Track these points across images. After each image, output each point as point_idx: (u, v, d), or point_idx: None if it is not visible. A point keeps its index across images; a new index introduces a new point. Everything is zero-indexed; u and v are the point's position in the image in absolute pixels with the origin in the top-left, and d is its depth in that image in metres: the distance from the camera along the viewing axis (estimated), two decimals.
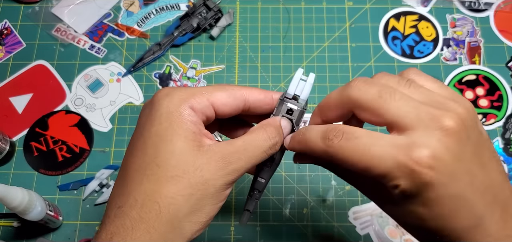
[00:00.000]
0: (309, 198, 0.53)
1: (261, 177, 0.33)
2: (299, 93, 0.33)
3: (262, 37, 0.62)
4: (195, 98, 0.29)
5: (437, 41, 0.62)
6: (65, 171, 0.54)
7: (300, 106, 0.33)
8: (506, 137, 0.56)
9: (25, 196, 0.43)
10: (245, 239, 0.51)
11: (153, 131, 0.28)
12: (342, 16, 0.64)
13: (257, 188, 0.33)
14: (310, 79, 0.33)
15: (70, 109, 0.58)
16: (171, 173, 0.26)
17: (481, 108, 0.58)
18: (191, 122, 0.28)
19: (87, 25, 0.63)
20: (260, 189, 0.33)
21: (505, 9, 0.64)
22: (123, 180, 0.28)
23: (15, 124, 0.57)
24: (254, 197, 0.33)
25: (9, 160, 0.55)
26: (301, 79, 0.33)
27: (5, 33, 0.63)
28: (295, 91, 0.33)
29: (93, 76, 0.60)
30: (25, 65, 0.60)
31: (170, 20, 0.64)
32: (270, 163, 0.33)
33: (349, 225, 0.52)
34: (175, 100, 0.28)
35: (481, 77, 0.60)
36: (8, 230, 0.51)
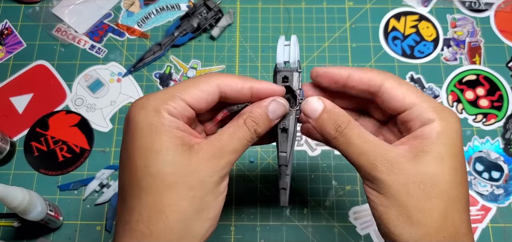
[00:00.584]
0: (309, 198, 0.53)
1: (281, 151, 0.33)
2: (287, 59, 0.33)
3: (262, 37, 0.62)
4: (169, 104, 0.28)
5: (438, 41, 0.62)
6: (66, 171, 0.54)
7: (293, 70, 0.33)
8: (507, 137, 0.56)
9: (25, 196, 0.43)
10: (245, 239, 0.52)
11: (138, 146, 0.28)
12: (343, 16, 0.64)
13: (282, 164, 0.33)
14: (292, 40, 0.33)
15: (71, 110, 0.58)
16: (169, 181, 0.27)
17: (482, 109, 0.58)
18: (175, 128, 0.28)
19: (87, 25, 0.63)
20: (285, 164, 0.33)
21: (505, 9, 0.64)
22: (122, 198, 0.28)
23: (16, 124, 0.57)
24: (284, 173, 0.33)
25: (10, 160, 0.55)
26: (285, 46, 0.33)
27: (5, 33, 0.63)
28: (284, 58, 0.33)
29: (93, 76, 0.60)
30: (25, 65, 0.60)
31: (170, 20, 0.64)
32: (285, 134, 0.33)
33: (350, 225, 0.52)
34: (151, 112, 0.28)
35: (482, 78, 0.60)
36: (9, 230, 0.51)
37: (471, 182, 0.54)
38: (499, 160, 0.55)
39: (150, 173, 0.27)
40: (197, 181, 0.27)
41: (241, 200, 0.53)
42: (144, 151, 0.27)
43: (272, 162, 0.55)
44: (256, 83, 0.31)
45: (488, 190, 0.54)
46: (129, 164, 0.28)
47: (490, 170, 0.55)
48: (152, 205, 0.26)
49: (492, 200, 0.53)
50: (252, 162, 0.55)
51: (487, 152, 0.56)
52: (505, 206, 0.53)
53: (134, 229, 0.26)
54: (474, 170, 0.55)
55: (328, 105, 0.31)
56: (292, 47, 0.33)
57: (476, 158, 0.55)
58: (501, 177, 0.54)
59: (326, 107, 0.31)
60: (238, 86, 0.31)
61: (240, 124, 0.30)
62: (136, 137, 0.28)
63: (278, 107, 0.32)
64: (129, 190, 0.28)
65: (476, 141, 0.56)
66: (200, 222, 0.28)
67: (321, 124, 0.31)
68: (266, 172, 0.55)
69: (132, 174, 0.27)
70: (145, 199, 0.27)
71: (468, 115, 0.58)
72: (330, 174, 0.54)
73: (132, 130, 0.28)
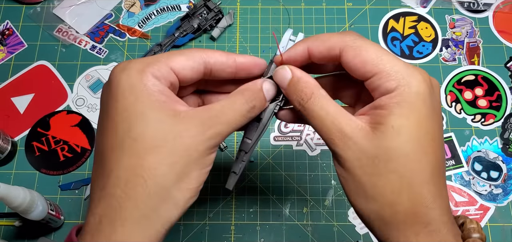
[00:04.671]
0: (309, 197, 0.54)
1: (247, 137, 0.32)
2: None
3: (262, 38, 0.63)
4: (153, 67, 0.27)
5: (436, 41, 0.62)
6: (67, 170, 0.55)
7: None
8: (505, 136, 0.57)
9: (26, 196, 0.44)
10: (245, 238, 0.52)
11: (119, 107, 0.26)
12: (342, 17, 0.64)
13: (243, 149, 0.32)
14: (298, 39, 0.32)
15: (72, 110, 0.58)
16: (150, 144, 0.26)
17: (480, 109, 0.58)
18: (158, 91, 0.27)
19: (88, 26, 0.63)
20: (246, 150, 0.32)
21: (504, 10, 0.64)
22: (100, 162, 0.27)
23: (17, 124, 0.57)
24: (240, 158, 0.32)
25: (11, 160, 0.55)
26: (290, 40, 0.33)
27: (7, 33, 0.63)
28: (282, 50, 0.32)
29: (94, 76, 0.60)
30: (26, 66, 0.61)
31: (171, 21, 0.64)
32: (257, 123, 0.32)
33: (349, 224, 0.52)
34: (134, 73, 0.27)
35: (480, 78, 0.60)
36: (10, 229, 0.52)
37: (470, 181, 0.55)
38: (497, 159, 0.56)
39: (132, 136, 0.26)
40: (181, 147, 0.26)
41: (241, 200, 0.54)
42: (126, 113, 0.26)
43: (272, 162, 0.56)
44: (240, 57, 0.31)
45: (486, 190, 0.54)
46: (109, 126, 0.27)
47: (489, 170, 0.55)
48: (131, 167, 0.25)
49: (491, 199, 0.54)
50: (252, 161, 0.55)
51: (486, 152, 0.56)
52: (503, 206, 0.53)
53: (110, 194, 0.25)
54: (472, 169, 0.55)
55: (295, 75, 0.30)
56: None
57: (475, 158, 0.56)
58: (500, 177, 0.55)
59: (293, 78, 0.30)
60: (223, 59, 0.30)
61: (237, 96, 0.29)
62: (117, 99, 0.26)
63: (271, 87, 0.31)
64: (108, 153, 0.26)
65: (475, 140, 0.57)
66: (180, 191, 0.26)
67: (288, 95, 0.31)
68: (266, 171, 0.55)
69: (112, 137, 0.26)
70: (124, 161, 0.25)
71: (467, 116, 0.58)
72: (329, 173, 0.55)
73: (114, 92, 0.27)
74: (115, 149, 0.26)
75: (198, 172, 0.27)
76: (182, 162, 0.26)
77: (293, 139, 0.57)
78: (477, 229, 0.27)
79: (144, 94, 0.26)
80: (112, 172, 0.26)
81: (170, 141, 0.26)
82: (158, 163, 0.25)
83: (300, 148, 0.56)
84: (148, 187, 0.25)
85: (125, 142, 0.26)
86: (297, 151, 0.56)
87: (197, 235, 0.52)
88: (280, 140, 0.57)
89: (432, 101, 0.27)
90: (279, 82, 0.31)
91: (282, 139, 0.57)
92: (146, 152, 0.25)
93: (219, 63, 0.30)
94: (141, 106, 0.26)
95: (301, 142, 0.57)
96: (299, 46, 0.31)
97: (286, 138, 0.57)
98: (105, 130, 0.27)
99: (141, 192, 0.25)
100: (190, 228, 0.52)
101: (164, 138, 0.26)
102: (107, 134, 0.27)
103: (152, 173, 0.25)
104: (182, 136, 0.26)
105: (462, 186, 0.54)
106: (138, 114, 0.26)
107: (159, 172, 0.25)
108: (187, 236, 0.52)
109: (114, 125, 0.26)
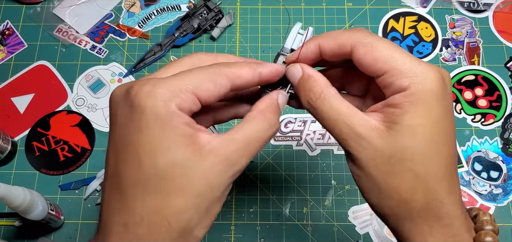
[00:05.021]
0: (309, 197, 0.54)
1: None
2: (296, 48, 0.32)
3: (262, 38, 0.63)
4: (180, 96, 0.25)
5: (436, 41, 0.62)
6: (67, 170, 0.55)
7: None
8: (505, 136, 0.57)
9: (26, 196, 0.44)
10: (245, 238, 0.52)
11: (143, 139, 0.25)
12: (342, 17, 0.64)
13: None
14: (307, 32, 0.31)
15: (72, 110, 0.58)
16: (177, 185, 0.24)
17: (480, 109, 0.58)
18: (185, 124, 0.25)
19: (88, 25, 0.63)
20: None
21: (504, 10, 0.64)
22: (120, 194, 0.25)
23: (17, 124, 0.57)
24: None
25: (11, 160, 0.55)
26: (299, 33, 0.32)
27: (7, 33, 0.63)
28: (292, 45, 0.32)
29: (94, 76, 0.60)
30: (27, 66, 0.61)
31: (171, 21, 0.64)
32: None
33: (349, 224, 0.52)
34: (160, 102, 0.25)
35: (480, 78, 0.60)
36: (10, 229, 0.52)
37: (470, 181, 0.55)
38: (497, 159, 0.56)
39: (158, 173, 0.24)
40: (207, 188, 0.25)
41: (241, 200, 0.54)
42: (151, 146, 0.24)
43: (272, 162, 0.56)
44: (263, 68, 0.29)
45: (486, 190, 0.54)
46: (131, 158, 0.25)
47: (489, 170, 0.55)
48: (156, 209, 0.24)
49: (491, 199, 0.54)
50: (252, 161, 0.55)
51: (486, 152, 0.56)
52: (503, 206, 0.53)
53: (133, 232, 0.24)
54: (472, 169, 0.55)
55: (306, 73, 0.30)
56: (303, 39, 0.32)
57: (475, 158, 0.56)
58: (500, 177, 0.55)
59: (303, 77, 0.30)
60: (249, 77, 0.28)
61: (259, 121, 0.28)
62: (141, 129, 0.25)
63: (284, 100, 0.31)
64: (131, 188, 0.25)
65: (475, 140, 0.57)
66: (200, 228, 0.26)
67: (298, 92, 0.30)
68: (266, 172, 0.55)
69: (135, 170, 0.25)
70: (150, 202, 0.24)
71: (467, 116, 0.58)
72: (329, 173, 0.55)
73: (136, 117, 0.25)
74: (139, 186, 0.25)
75: (218, 206, 0.27)
76: (206, 203, 0.25)
77: (293, 139, 0.57)
78: (490, 221, 0.28)
79: (170, 128, 0.25)
80: (136, 210, 0.25)
81: (196, 181, 0.25)
82: (184, 207, 0.25)
83: (300, 148, 0.56)
84: (172, 229, 0.25)
85: (150, 179, 0.24)
86: (297, 151, 0.56)
87: None
88: (280, 140, 0.57)
89: (445, 99, 0.27)
90: (290, 79, 0.31)
91: (282, 139, 0.57)
92: (173, 193, 0.24)
93: (245, 81, 0.28)
94: (167, 141, 0.24)
95: (301, 142, 0.57)
96: (310, 44, 0.31)
97: (286, 138, 0.57)
98: (126, 159, 0.25)
99: (164, 233, 0.25)
100: None
101: (190, 179, 0.25)
102: (129, 166, 0.25)
103: (177, 217, 0.25)
104: (207, 175, 0.25)
105: (462, 186, 0.54)
106: (164, 150, 0.24)
107: (185, 215, 0.25)
108: None
109: (137, 157, 0.25)
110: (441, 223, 0.27)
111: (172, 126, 0.25)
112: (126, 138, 0.25)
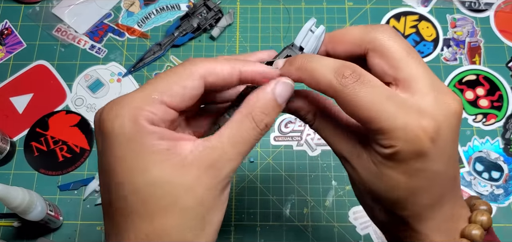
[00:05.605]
0: (309, 198, 0.53)
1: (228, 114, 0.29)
2: (305, 46, 0.29)
3: (262, 38, 0.63)
4: (147, 110, 0.24)
5: (437, 41, 0.62)
6: (66, 171, 0.55)
7: None
8: (506, 137, 0.56)
9: (25, 196, 0.43)
10: (245, 239, 0.52)
11: (118, 165, 0.23)
12: (343, 17, 0.64)
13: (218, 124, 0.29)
14: (318, 31, 0.29)
15: (71, 110, 0.58)
16: (161, 205, 0.23)
17: (481, 109, 0.58)
18: (159, 138, 0.23)
19: (87, 25, 0.63)
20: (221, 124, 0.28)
21: (505, 9, 0.64)
22: (111, 221, 0.25)
23: (16, 124, 0.57)
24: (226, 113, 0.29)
25: (10, 160, 0.55)
26: (310, 30, 0.29)
27: (5, 33, 0.63)
28: (302, 43, 0.29)
29: (93, 76, 0.60)
30: (25, 66, 0.61)
31: (170, 20, 0.64)
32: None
33: (349, 225, 0.52)
34: (128, 122, 0.23)
35: (481, 78, 0.60)
36: (9, 230, 0.51)
37: (471, 182, 0.54)
38: (499, 160, 0.55)
39: (139, 198, 0.23)
40: (195, 201, 0.24)
41: (241, 200, 0.53)
42: (128, 171, 0.23)
43: (272, 162, 0.55)
44: (245, 66, 0.26)
45: (488, 190, 0.54)
46: (113, 185, 0.24)
47: (490, 170, 0.55)
48: (148, 232, 0.23)
49: (492, 200, 0.53)
50: (252, 162, 0.55)
51: (487, 152, 0.56)
52: (505, 206, 0.53)
53: None
54: (474, 170, 0.55)
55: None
56: (312, 38, 0.29)
57: (476, 158, 0.55)
58: (501, 177, 0.54)
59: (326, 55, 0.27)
60: (225, 73, 0.26)
61: (245, 121, 0.25)
62: (115, 155, 0.23)
63: (285, 88, 0.26)
64: (119, 215, 0.24)
65: (476, 141, 0.56)
66: (204, 235, 0.24)
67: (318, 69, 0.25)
68: (266, 172, 0.55)
69: (118, 198, 0.24)
70: (139, 226, 0.23)
71: (468, 115, 0.58)
72: (330, 174, 0.54)
73: (110, 145, 0.23)
74: (124, 212, 0.24)
75: (217, 213, 0.25)
76: (198, 216, 0.24)
77: (293, 139, 0.57)
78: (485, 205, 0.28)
79: (143, 148, 0.23)
80: (128, 235, 0.24)
81: (182, 196, 0.23)
82: (172, 226, 0.23)
83: (300, 148, 0.56)
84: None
85: (133, 205, 0.23)
86: (298, 151, 0.56)
87: None
88: (280, 140, 0.57)
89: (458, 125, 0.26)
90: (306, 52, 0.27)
91: (282, 139, 0.57)
92: (158, 215, 0.23)
93: (221, 79, 0.26)
94: (142, 162, 0.23)
95: (301, 142, 0.56)
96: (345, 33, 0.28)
97: (286, 138, 0.57)
98: (109, 188, 0.24)
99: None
100: None
101: (174, 195, 0.23)
102: (112, 193, 0.24)
103: (170, 232, 0.23)
104: (193, 189, 0.23)
105: (463, 187, 0.54)
106: (141, 173, 0.23)
107: (177, 231, 0.23)
108: None
109: (117, 184, 0.24)
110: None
111: (144, 145, 0.23)
112: (105, 166, 0.24)
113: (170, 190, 0.23)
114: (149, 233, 0.23)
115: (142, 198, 0.23)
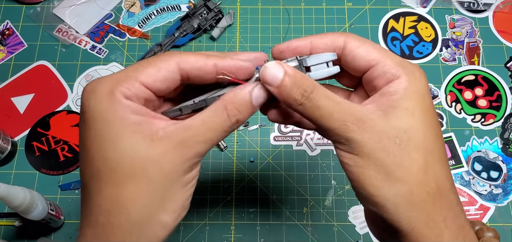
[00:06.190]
0: (309, 197, 0.54)
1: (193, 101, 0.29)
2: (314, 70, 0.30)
3: (262, 38, 0.63)
4: (123, 86, 0.26)
5: (436, 41, 0.62)
6: (67, 170, 0.55)
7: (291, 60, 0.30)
8: (505, 136, 0.57)
9: (26, 196, 0.44)
10: (245, 238, 0.52)
11: (92, 135, 0.25)
12: (342, 17, 0.64)
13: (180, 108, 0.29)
14: (332, 70, 0.30)
15: (72, 110, 0.58)
16: (128, 173, 0.25)
17: (480, 109, 0.58)
18: (132, 112, 0.25)
19: (88, 25, 0.63)
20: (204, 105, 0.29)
21: (504, 10, 0.64)
22: (83, 190, 0.27)
23: (17, 124, 0.57)
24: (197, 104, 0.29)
25: (11, 160, 0.55)
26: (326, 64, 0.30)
27: (7, 33, 0.63)
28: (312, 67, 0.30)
29: (94, 76, 0.60)
30: (26, 66, 0.61)
31: (171, 21, 0.64)
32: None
33: (349, 224, 0.52)
34: (103, 96, 0.25)
35: (480, 78, 0.60)
36: (10, 229, 0.52)
37: (470, 181, 0.55)
38: (497, 159, 0.56)
39: (108, 165, 0.25)
40: (160, 174, 0.25)
41: (241, 200, 0.54)
42: (99, 140, 0.25)
43: (272, 161, 0.56)
44: (221, 61, 0.28)
45: (486, 190, 0.54)
46: (86, 154, 0.26)
47: (489, 170, 0.55)
48: (112, 198, 0.25)
49: (491, 199, 0.54)
50: (252, 161, 0.55)
51: (486, 152, 0.56)
52: (503, 206, 0.53)
53: (96, 222, 0.25)
54: (472, 169, 0.55)
55: (289, 70, 0.27)
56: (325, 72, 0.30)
57: (475, 158, 0.56)
58: (500, 177, 0.55)
59: (288, 72, 0.27)
60: (199, 63, 0.28)
61: (218, 111, 0.27)
62: (89, 126, 0.25)
63: (261, 94, 0.28)
64: (89, 181, 0.26)
65: (475, 140, 0.57)
66: (166, 213, 0.26)
67: (284, 90, 0.27)
68: (266, 171, 0.55)
69: (90, 165, 0.26)
70: (105, 192, 0.25)
71: (467, 115, 0.58)
72: (329, 173, 0.55)
73: (85, 118, 0.26)
74: (94, 178, 0.26)
75: (181, 192, 0.27)
76: (162, 188, 0.26)
77: (293, 139, 0.57)
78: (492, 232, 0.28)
79: (116, 119, 0.25)
80: (95, 202, 0.26)
81: (148, 168, 0.25)
82: (138, 193, 0.25)
83: (300, 148, 0.56)
84: (131, 216, 0.25)
85: (102, 172, 0.25)
86: (297, 151, 0.56)
87: (197, 235, 0.52)
88: (280, 140, 0.57)
89: (429, 94, 0.28)
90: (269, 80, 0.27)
91: (282, 139, 0.57)
92: (125, 181, 0.25)
93: (196, 69, 0.28)
94: (115, 133, 0.25)
95: (301, 142, 0.57)
96: (302, 40, 0.30)
97: (286, 138, 0.57)
98: (83, 158, 0.26)
99: (125, 220, 0.25)
100: (190, 228, 0.52)
101: (141, 166, 0.25)
102: (86, 162, 0.26)
103: (133, 203, 0.25)
104: (160, 162, 0.25)
105: (462, 186, 0.54)
106: (112, 142, 0.25)
107: (140, 202, 0.25)
108: (187, 236, 0.52)
109: (90, 154, 0.26)
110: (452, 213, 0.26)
111: (117, 117, 0.25)
112: (82, 139, 0.26)
113: (137, 161, 0.25)
114: (116, 197, 0.25)
115: (111, 166, 0.25)
